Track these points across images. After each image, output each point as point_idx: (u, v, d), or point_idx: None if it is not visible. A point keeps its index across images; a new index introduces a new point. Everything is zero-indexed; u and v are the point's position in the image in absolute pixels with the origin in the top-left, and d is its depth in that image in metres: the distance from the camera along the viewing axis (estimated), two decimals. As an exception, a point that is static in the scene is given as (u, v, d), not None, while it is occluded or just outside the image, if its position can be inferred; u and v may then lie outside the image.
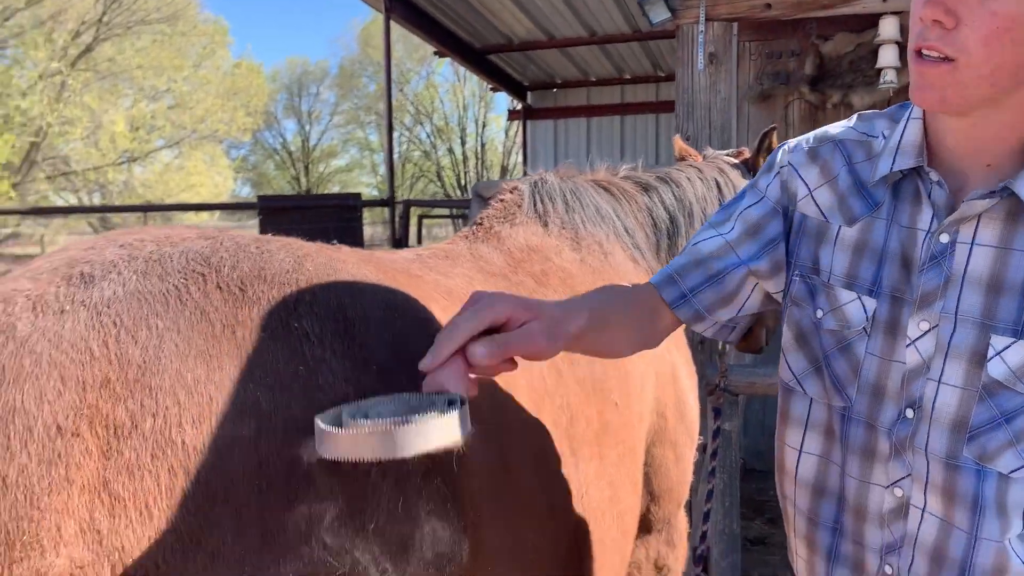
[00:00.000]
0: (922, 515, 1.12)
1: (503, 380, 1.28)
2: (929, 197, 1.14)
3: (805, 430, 1.26)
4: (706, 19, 3.97)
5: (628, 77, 9.40)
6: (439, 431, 0.86)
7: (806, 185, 1.27)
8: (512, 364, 1.07)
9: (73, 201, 29.29)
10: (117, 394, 0.83)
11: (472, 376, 1.00)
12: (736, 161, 2.78)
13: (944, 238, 1.11)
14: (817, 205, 1.26)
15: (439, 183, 41.05)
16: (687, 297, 1.32)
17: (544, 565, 1.28)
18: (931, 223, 1.13)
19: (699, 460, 2.53)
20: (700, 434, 2.24)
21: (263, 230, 6.23)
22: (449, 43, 7.76)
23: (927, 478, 1.10)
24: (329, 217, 6.14)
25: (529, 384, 1.35)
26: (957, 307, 1.09)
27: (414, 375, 1.02)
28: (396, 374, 1.01)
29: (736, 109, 4.60)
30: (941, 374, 1.09)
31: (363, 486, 0.92)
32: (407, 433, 0.84)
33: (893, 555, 1.15)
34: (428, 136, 41.83)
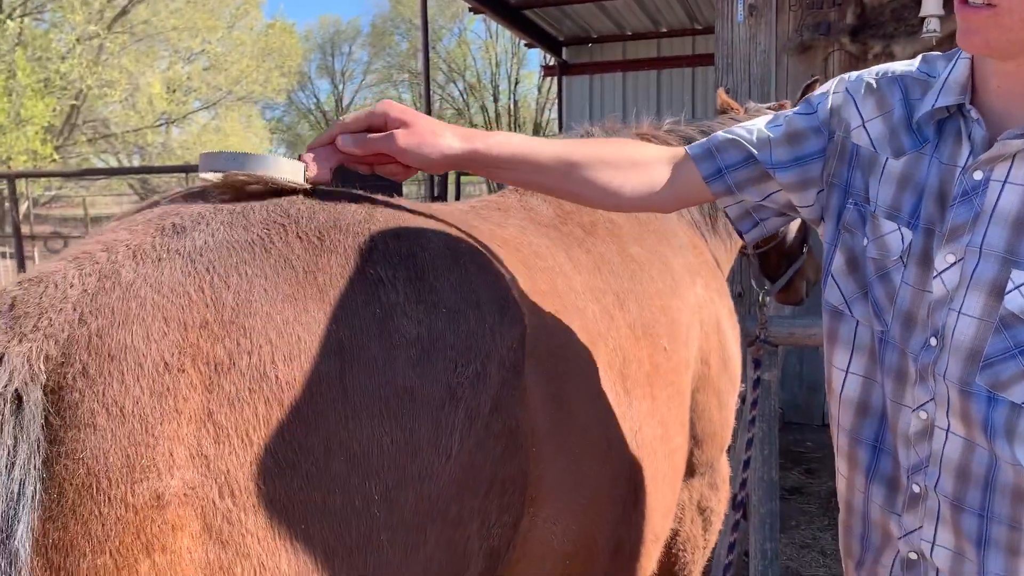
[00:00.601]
0: (946, 435, 1.17)
1: (560, 324, 1.34)
2: (969, 136, 1.17)
3: (852, 352, 1.31)
4: (747, -31, 3.93)
5: (664, 30, 9.26)
6: (276, 166, 1.13)
7: (860, 115, 1.30)
8: (396, 167, 1.31)
9: (113, 163, 29.71)
10: (215, 334, 0.90)
11: (337, 156, 1.26)
12: (771, 113, 2.79)
13: (978, 175, 1.15)
14: (869, 136, 1.29)
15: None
16: (722, 173, 1.39)
17: (603, 499, 1.36)
18: (967, 160, 1.17)
19: (739, 409, 2.59)
20: (741, 383, 2.29)
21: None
22: (484, -1, 7.71)
23: (948, 403, 1.15)
24: (368, 175, 6.20)
25: (583, 327, 1.41)
26: (983, 242, 1.13)
27: (483, 317, 1.09)
28: (464, 316, 1.07)
29: (775, 61, 4.55)
30: (961, 305, 1.14)
31: (437, 416, 1.00)
32: (257, 160, 1.12)
33: (919, 474, 1.21)
34: (461, 94, 41.65)
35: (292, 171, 1.15)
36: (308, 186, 1.17)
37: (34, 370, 0.83)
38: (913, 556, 1.25)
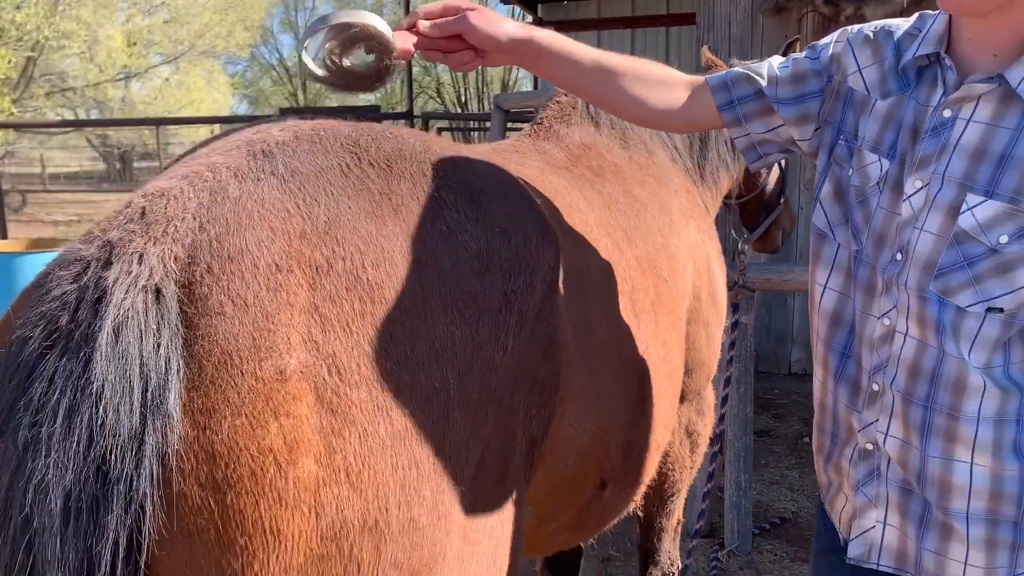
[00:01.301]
0: (904, 338, 1.37)
1: (581, 253, 1.51)
2: (943, 80, 1.36)
3: (831, 270, 1.50)
4: (728, -69, 4.06)
5: (639, -11, 9.37)
6: (365, 17, 1.31)
7: (857, 62, 1.49)
8: (465, 54, 1.48)
9: (71, 117, 29.04)
10: (313, 243, 1.06)
11: (415, 38, 1.43)
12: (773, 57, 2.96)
13: (947, 113, 1.34)
14: (864, 80, 1.47)
15: (439, 99, 40.62)
16: (734, 104, 1.57)
17: (617, 405, 1.55)
18: (939, 100, 1.36)
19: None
20: (726, 319, 2.48)
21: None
22: (462, -45, 7.75)
23: (908, 309, 1.35)
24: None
25: (599, 257, 1.59)
26: (946, 170, 1.32)
27: (528, 237, 1.26)
28: (514, 235, 1.24)
29: (753, 22, 4.71)
30: (923, 223, 1.33)
31: (496, 317, 1.17)
32: (347, 14, 1.31)
33: (879, 374, 1.41)
34: (428, 51, 41.10)
35: (386, 29, 1.32)
36: (398, 54, 1.35)
37: (167, 267, 0.98)
38: (869, 447, 1.46)
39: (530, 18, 9.84)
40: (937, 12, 1.43)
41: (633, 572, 3.44)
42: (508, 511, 1.22)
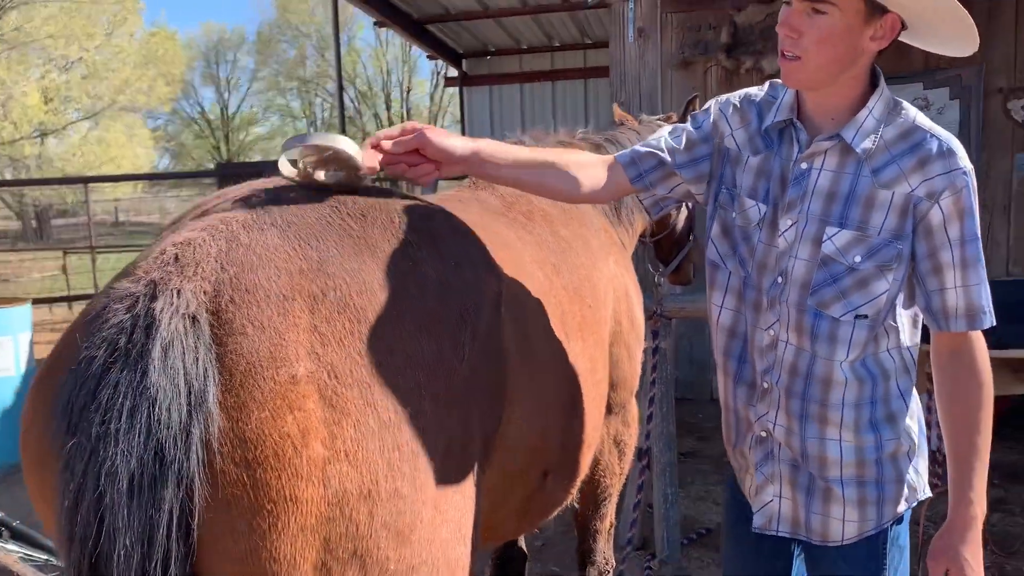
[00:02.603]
0: (785, 346, 1.73)
1: (519, 283, 1.83)
2: (798, 140, 1.74)
3: (725, 293, 1.85)
4: (635, -2, 4.53)
5: (558, 44, 9.92)
6: (339, 142, 1.55)
7: (730, 126, 1.87)
8: (426, 167, 1.73)
9: (-14, 176, 28.35)
10: (310, 277, 1.35)
11: (379, 156, 1.67)
12: (668, 125, 3.36)
13: (804, 165, 1.72)
14: (735, 141, 1.85)
15: (365, 149, 40.90)
16: (642, 175, 1.92)
17: (554, 407, 1.86)
18: (796, 156, 1.73)
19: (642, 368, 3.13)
20: (644, 341, 2.82)
21: (224, 196, 6.63)
22: (389, 12, 8.14)
23: (788, 321, 1.71)
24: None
25: (534, 286, 1.91)
26: (808, 209, 1.70)
27: (477, 270, 1.57)
28: (466, 268, 1.56)
29: (661, 77, 5.17)
30: (797, 252, 1.70)
31: (454, 333, 1.47)
32: (323, 137, 1.56)
33: (767, 374, 1.77)
34: (352, 101, 41.61)
35: (355, 152, 1.57)
36: (364, 171, 1.60)
37: (199, 299, 1.26)
38: (763, 434, 1.81)
39: (455, 72, 10.27)
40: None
41: (574, 584, 3.72)
42: (469, 490, 1.52)
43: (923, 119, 1.67)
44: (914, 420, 1.75)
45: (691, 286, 4.22)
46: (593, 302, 2.20)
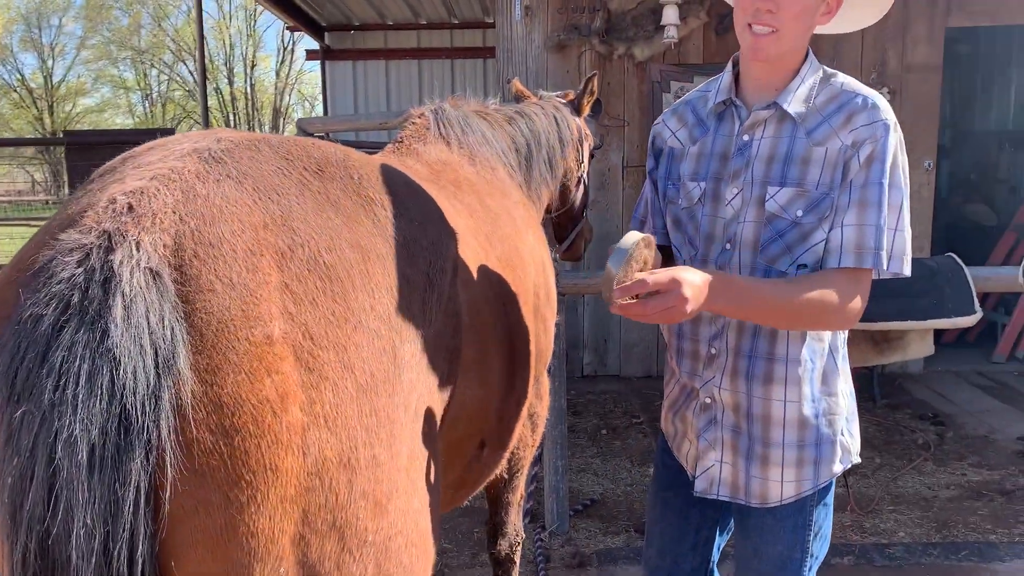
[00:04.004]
0: None
1: (463, 248, 1.78)
2: (738, 117, 1.80)
3: None
4: (522, -25, 4.52)
5: (424, 22, 9.79)
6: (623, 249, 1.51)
7: (670, 130, 1.98)
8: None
9: None
10: (275, 232, 1.25)
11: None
12: (565, 101, 3.38)
13: (745, 137, 1.79)
14: (678, 139, 1.96)
15: (205, 124, 38.93)
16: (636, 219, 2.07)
17: (495, 376, 1.83)
18: (738, 130, 1.79)
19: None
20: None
21: (71, 166, 6.09)
22: (250, -20, 7.76)
23: None
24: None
25: (472, 255, 1.86)
26: (752, 175, 1.76)
27: (439, 229, 1.51)
28: (429, 228, 1.49)
29: (547, 57, 5.19)
30: (744, 217, 1.76)
31: (423, 295, 1.41)
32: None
33: (717, 340, 1.82)
34: (192, 75, 39.47)
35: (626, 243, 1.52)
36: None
37: (160, 252, 1.14)
38: (708, 401, 1.86)
39: (318, 45, 9.94)
40: (719, 77, 1.88)
41: (466, 561, 3.71)
42: (436, 458, 1.46)
43: (852, 83, 1.78)
44: (847, 382, 1.85)
45: (578, 263, 4.29)
46: (522, 274, 2.18)
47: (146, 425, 1.07)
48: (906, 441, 5.09)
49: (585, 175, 3.48)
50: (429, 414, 1.45)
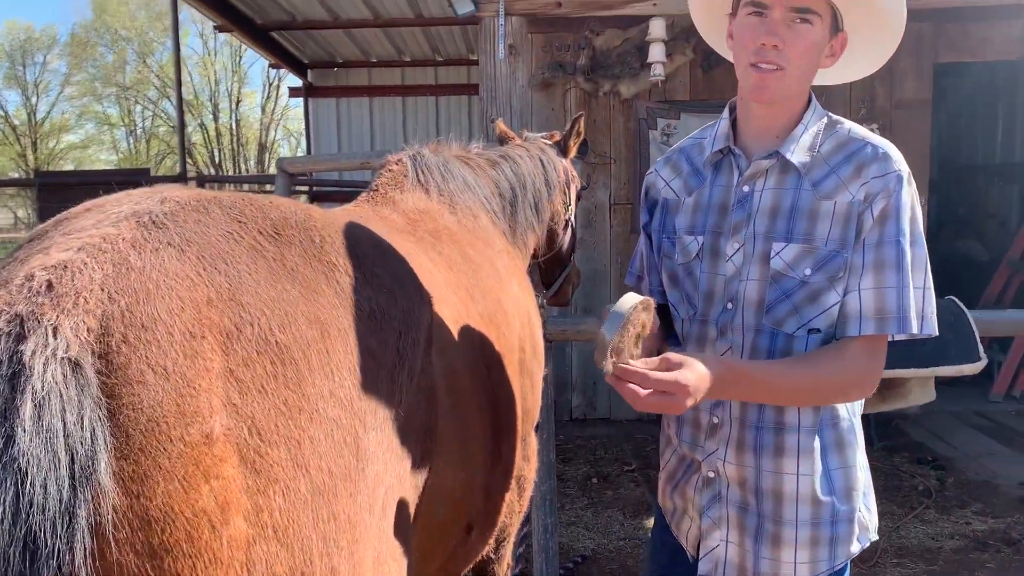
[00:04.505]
0: None
1: (441, 309, 1.63)
2: (737, 166, 1.67)
3: (682, 339, 1.75)
4: (505, 13, 4.41)
5: (408, 60, 9.72)
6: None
7: (664, 180, 1.84)
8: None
9: None
10: (220, 309, 1.09)
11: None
12: (551, 142, 3.26)
13: (746, 188, 1.66)
14: (672, 190, 1.81)
15: (190, 158, 38.70)
16: (639, 278, 1.92)
17: (479, 450, 1.66)
18: (737, 180, 1.66)
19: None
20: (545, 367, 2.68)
21: (42, 207, 5.91)
22: (231, 17, 7.66)
23: (742, 347, 1.62)
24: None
25: (452, 314, 1.71)
26: (754, 230, 1.63)
27: (410, 297, 1.36)
28: (399, 296, 1.34)
29: (532, 96, 5.09)
30: (747, 274, 1.62)
31: (391, 373, 1.25)
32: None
33: (719, 408, 1.66)
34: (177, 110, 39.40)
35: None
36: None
37: (82, 339, 0.98)
38: (711, 475, 1.69)
39: (301, 82, 9.85)
40: (716, 121, 1.76)
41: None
42: (405, 556, 1.29)
43: (860, 130, 1.66)
44: (862, 452, 1.69)
45: (567, 308, 4.14)
46: (507, 330, 2.02)
47: (56, 549, 0.90)
48: (906, 487, 4.93)
49: (572, 218, 3.35)
50: (401, 507, 1.28)
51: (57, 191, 5.93)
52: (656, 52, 4.96)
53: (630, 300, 1.40)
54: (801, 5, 1.53)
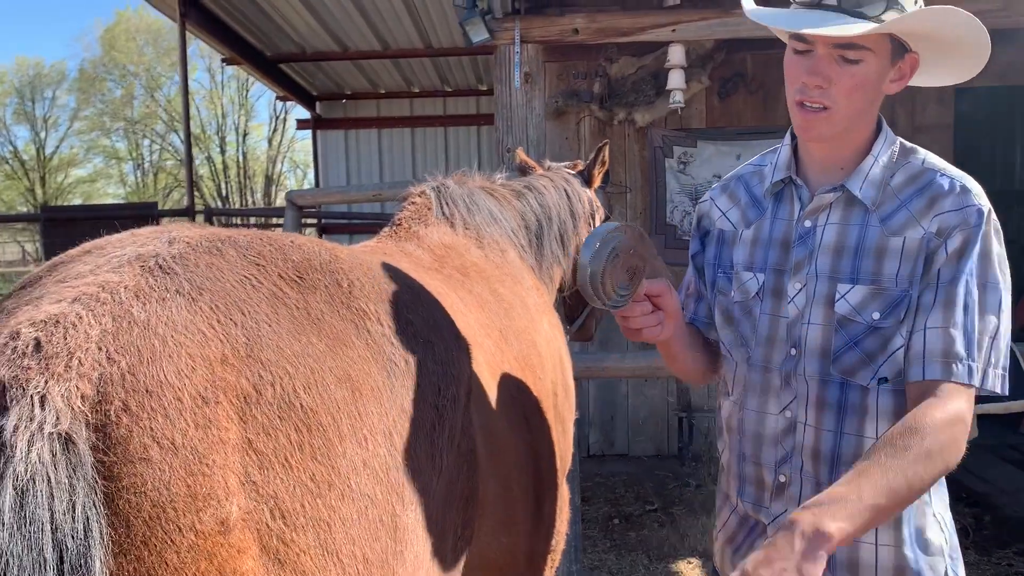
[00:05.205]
0: (804, 428, 1.48)
1: (475, 361, 1.47)
2: (799, 198, 1.52)
3: (733, 385, 1.58)
4: (521, 41, 4.30)
5: (417, 90, 9.63)
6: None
7: (720, 209, 1.69)
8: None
9: None
10: (237, 368, 0.94)
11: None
12: (574, 172, 3.12)
13: (808, 223, 1.51)
14: (729, 221, 1.66)
15: (197, 192, 38.81)
16: (696, 316, 1.76)
17: (521, 513, 1.50)
18: (799, 214, 1.51)
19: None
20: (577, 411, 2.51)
21: (48, 242, 5.78)
22: (240, 50, 7.59)
23: (808, 397, 1.46)
24: (124, 228, 5.82)
25: (487, 360, 1.55)
26: (816, 269, 1.47)
27: (448, 347, 1.20)
28: (436, 346, 1.18)
29: (548, 125, 4.97)
30: (810, 318, 1.46)
31: (431, 436, 1.09)
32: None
33: (785, 465, 1.50)
34: (185, 143, 39.62)
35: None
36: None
37: (75, 409, 0.83)
38: None
39: (309, 114, 9.77)
40: (778, 146, 1.61)
41: None
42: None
43: (935, 160, 1.50)
44: (948, 511, 1.52)
45: (591, 343, 3.98)
46: (541, 373, 1.86)
47: (41, 671, 0.74)
48: (943, 526, 4.72)
49: (597, 251, 3.19)
50: (441, 589, 1.12)
51: (63, 225, 5.80)
52: (675, 79, 4.85)
53: (608, 224, 1.39)
54: (847, 43, 1.39)
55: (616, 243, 1.38)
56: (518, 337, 1.81)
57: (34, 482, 0.77)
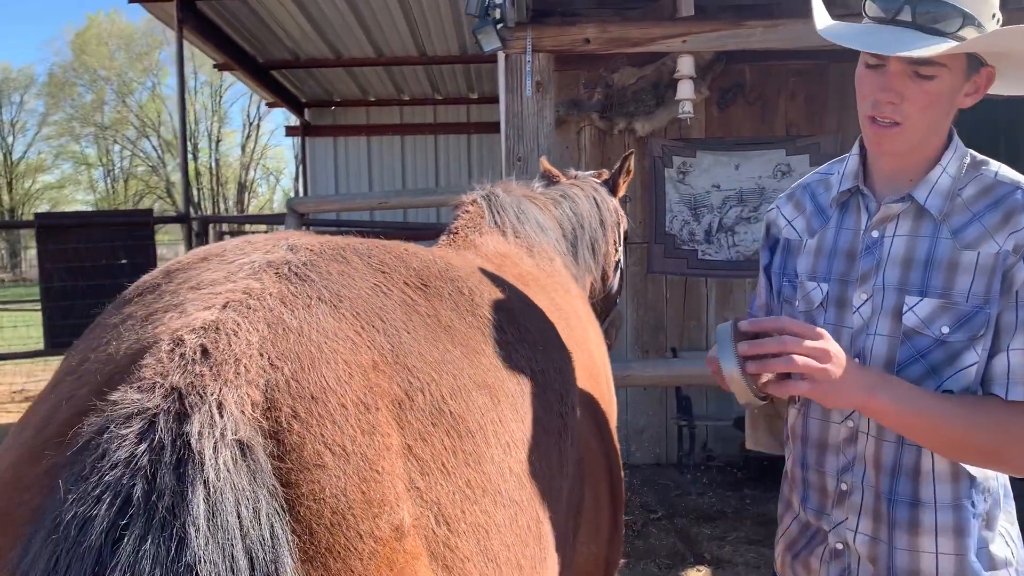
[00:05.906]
0: (867, 438, 1.50)
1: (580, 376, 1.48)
2: (866, 208, 1.54)
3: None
4: (533, 50, 4.32)
5: (407, 98, 9.63)
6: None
7: (786, 218, 1.72)
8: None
9: None
10: (388, 375, 0.94)
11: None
12: (600, 181, 3.14)
13: (875, 234, 1.53)
14: (795, 229, 1.68)
15: (169, 199, 38.29)
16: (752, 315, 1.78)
17: (605, 521, 1.51)
18: (866, 224, 1.53)
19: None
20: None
21: (43, 249, 5.68)
22: (233, 55, 7.54)
23: None
24: (118, 235, 5.76)
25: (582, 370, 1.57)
26: (884, 280, 1.50)
27: (561, 354, 1.21)
28: (551, 353, 1.19)
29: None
30: (875, 329, 1.48)
31: (559, 443, 1.10)
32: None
33: (847, 474, 1.52)
34: (155, 149, 39.18)
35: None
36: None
37: (249, 415, 0.83)
38: (839, 547, 1.54)
39: (297, 121, 9.73)
40: (844, 158, 1.64)
41: None
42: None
43: (1008, 172, 1.52)
44: (1015, 526, 1.54)
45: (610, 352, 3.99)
46: (603, 382, 1.88)
47: None
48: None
49: (621, 259, 3.23)
50: (564, 596, 1.12)
51: (57, 232, 5.71)
52: (685, 89, 4.89)
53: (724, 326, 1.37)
54: (921, 60, 1.41)
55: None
56: (579, 347, 1.82)
57: (222, 489, 0.77)
